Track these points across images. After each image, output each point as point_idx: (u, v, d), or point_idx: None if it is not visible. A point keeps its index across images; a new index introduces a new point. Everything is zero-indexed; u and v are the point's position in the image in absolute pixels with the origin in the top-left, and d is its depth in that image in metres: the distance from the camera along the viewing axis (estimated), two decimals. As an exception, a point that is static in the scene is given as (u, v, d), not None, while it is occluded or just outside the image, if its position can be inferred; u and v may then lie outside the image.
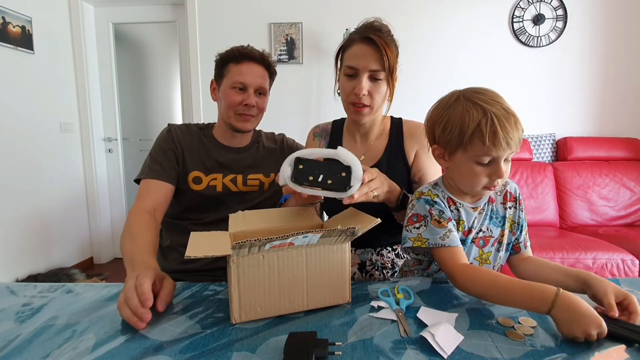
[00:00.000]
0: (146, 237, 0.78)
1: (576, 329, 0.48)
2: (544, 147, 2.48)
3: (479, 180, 0.64)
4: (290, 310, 0.58)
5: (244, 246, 0.51)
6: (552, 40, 2.46)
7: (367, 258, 0.96)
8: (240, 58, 0.98)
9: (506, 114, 0.61)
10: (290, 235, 0.52)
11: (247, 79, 0.97)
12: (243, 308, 0.55)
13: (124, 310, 0.55)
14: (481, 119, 0.60)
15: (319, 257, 0.59)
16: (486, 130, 0.59)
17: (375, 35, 0.81)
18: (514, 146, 0.61)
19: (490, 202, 0.73)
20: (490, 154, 0.61)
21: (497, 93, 0.65)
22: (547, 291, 0.51)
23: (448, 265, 0.64)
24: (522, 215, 0.74)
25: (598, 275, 0.58)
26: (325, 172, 0.66)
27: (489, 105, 0.61)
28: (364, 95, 0.83)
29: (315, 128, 1.04)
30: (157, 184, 0.93)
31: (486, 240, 0.72)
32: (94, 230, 2.72)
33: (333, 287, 0.61)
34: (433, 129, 0.69)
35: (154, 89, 2.81)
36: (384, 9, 2.44)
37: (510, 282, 0.56)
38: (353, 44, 0.84)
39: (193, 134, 1.04)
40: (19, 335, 0.53)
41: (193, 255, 0.51)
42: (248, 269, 0.55)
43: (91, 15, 2.64)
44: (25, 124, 2.19)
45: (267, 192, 1.08)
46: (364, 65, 0.82)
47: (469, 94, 0.65)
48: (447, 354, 0.47)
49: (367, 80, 0.83)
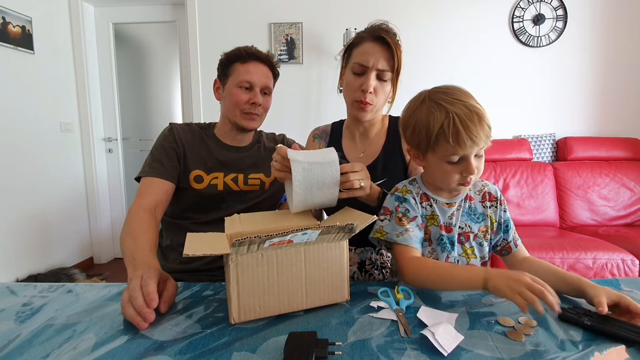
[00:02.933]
0: (147, 235, 0.78)
1: (511, 290, 0.52)
2: (544, 147, 2.48)
3: (452, 178, 0.67)
4: (290, 309, 0.58)
5: (243, 243, 0.51)
6: (552, 40, 2.46)
7: (366, 257, 0.96)
8: (247, 57, 0.99)
9: (469, 112, 0.62)
10: (290, 232, 0.52)
11: (253, 78, 0.98)
12: (242, 308, 0.55)
13: (128, 309, 0.55)
14: (444, 120, 0.63)
15: (317, 255, 0.59)
16: (449, 132, 0.62)
17: (386, 36, 0.83)
18: (481, 142, 0.63)
19: (468, 199, 0.74)
20: (457, 153, 0.64)
21: (463, 91, 0.67)
22: (480, 268, 0.56)
23: (399, 260, 0.67)
24: (506, 216, 0.75)
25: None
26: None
27: (452, 106, 0.63)
28: (370, 93, 0.83)
29: (315, 130, 1.05)
30: (158, 182, 0.93)
31: (466, 236, 0.73)
32: (94, 230, 2.72)
33: (332, 285, 0.61)
34: (405, 132, 0.72)
35: (154, 89, 2.81)
36: (384, 9, 2.45)
37: (451, 266, 0.61)
38: (363, 42, 0.85)
39: (194, 133, 1.04)
40: (19, 335, 0.53)
41: (192, 254, 0.51)
42: (247, 267, 0.55)
43: (91, 15, 2.64)
44: (25, 124, 2.19)
45: (267, 191, 1.08)
46: (373, 63, 0.83)
47: (433, 94, 0.67)
48: (447, 352, 0.47)
49: (375, 79, 0.84)
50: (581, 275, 1.89)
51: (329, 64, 2.53)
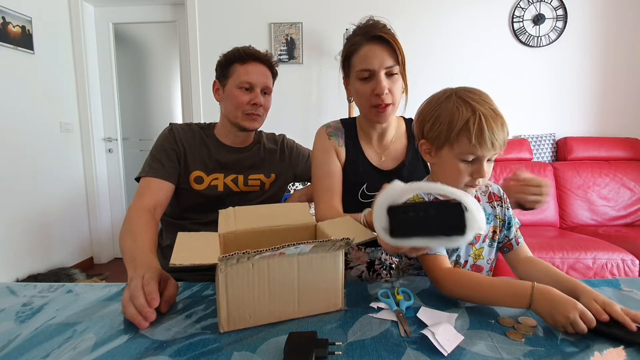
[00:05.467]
0: (147, 235, 0.78)
1: (558, 316, 0.50)
2: (544, 147, 2.48)
3: (462, 178, 0.66)
4: (281, 317, 0.56)
5: (232, 258, 0.49)
6: (552, 40, 2.46)
7: (376, 257, 0.95)
8: (246, 58, 0.98)
9: (494, 114, 0.63)
10: (281, 247, 0.50)
11: (253, 79, 0.98)
12: (231, 317, 0.53)
13: (129, 308, 0.55)
14: (470, 116, 0.62)
15: (311, 264, 0.56)
16: (473, 128, 0.62)
17: (382, 32, 0.81)
18: (498, 147, 0.63)
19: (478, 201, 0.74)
20: (475, 153, 0.63)
21: (487, 95, 0.67)
22: (525, 286, 0.55)
23: (432, 272, 0.65)
24: (509, 213, 0.76)
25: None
26: (428, 213, 0.53)
27: (479, 105, 0.63)
28: (386, 94, 0.81)
29: (327, 128, 0.95)
30: (158, 183, 0.93)
31: (477, 237, 0.73)
32: (94, 230, 2.72)
33: (326, 294, 0.59)
34: (423, 124, 0.70)
35: (154, 89, 2.81)
36: (384, 9, 2.44)
37: (493, 281, 0.59)
38: (360, 47, 0.82)
39: (195, 134, 1.04)
40: (18, 335, 0.53)
41: (179, 263, 0.49)
42: (236, 277, 0.52)
43: (91, 15, 2.64)
44: (25, 124, 2.19)
45: (268, 192, 1.08)
46: (379, 64, 0.80)
47: (461, 92, 0.66)
48: (447, 352, 0.47)
49: (385, 78, 0.81)
50: (581, 275, 1.88)
51: (329, 64, 2.52)
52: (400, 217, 0.53)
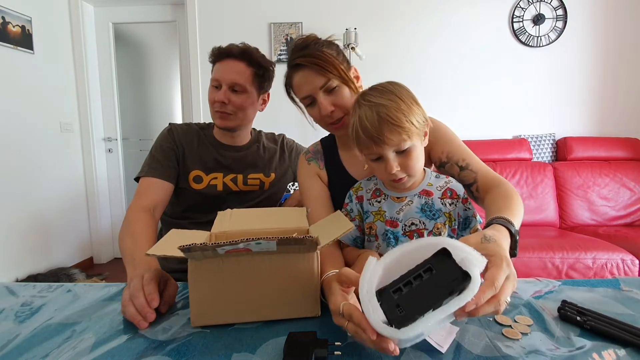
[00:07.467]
0: (146, 235, 0.78)
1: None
2: (544, 147, 2.48)
3: (381, 175, 0.68)
4: (254, 318, 0.56)
5: (193, 249, 0.49)
6: (552, 40, 2.46)
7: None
8: (219, 56, 0.98)
9: (371, 114, 0.61)
10: (241, 241, 0.49)
11: (220, 75, 0.96)
12: (201, 311, 0.54)
13: (129, 308, 0.55)
14: (354, 122, 0.64)
15: (282, 265, 0.55)
16: (353, 134, 0.64)
17: (300, 58, 0.76)
18: (390, 141, 0.61)
19: (425, 195, 0.71)
20: (372, 152, 0.64)
21: (390, 88, 0.64)
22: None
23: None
24: (467, 214, 0.71)
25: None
26: (422, 284, 0.42)
27: (362, 108, 0.63)
28: (332, 111, 0.78)
29: (306, 154, 0.91)
30: (157, 183, 0.93)
31: (420, 233, 0.70)
32: (94, 230, 2.72)
33: (301, 298, 0.57)
34: None
35: (154, 89, 2.81)
36: (384, 9, 2.43)
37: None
38: (291, 78, 0.81)
39: (194, 134, 1.04)
40: (18, 335, 0.53)
41: (152, 254, 0.51)
42: (206, 272, 0.53)
43: (91, 15, 2.64)
44: (25, 124, 2.19)
45: (267, 191, 1.08)
46: (312, 89, 0.77)
47: (363, 93, 0.67)
48: (444, 349, 0.47)
49: (325, 97, 0.77)
50: (581, 275, 1.88)
51: (329, 64, 2.52)
52: (393, 300, 0.41)
